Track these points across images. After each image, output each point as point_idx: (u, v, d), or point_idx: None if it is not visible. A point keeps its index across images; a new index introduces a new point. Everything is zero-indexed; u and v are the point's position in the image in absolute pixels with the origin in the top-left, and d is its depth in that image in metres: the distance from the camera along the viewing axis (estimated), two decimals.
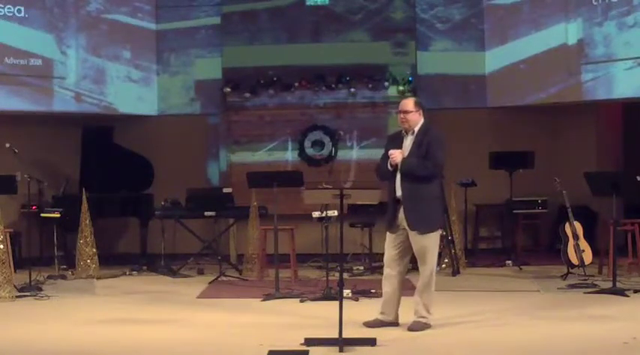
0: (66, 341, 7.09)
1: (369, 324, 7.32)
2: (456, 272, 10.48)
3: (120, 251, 12.66)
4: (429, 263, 7.20)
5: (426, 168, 7.11)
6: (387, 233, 7.33)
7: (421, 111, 7.31)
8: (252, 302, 8.79)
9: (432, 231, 7.19)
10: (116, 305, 8.84)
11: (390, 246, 7.31)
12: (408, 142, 7.25)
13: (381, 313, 7.36)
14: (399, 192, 7.19)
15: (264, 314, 8.19)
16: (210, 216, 11.10)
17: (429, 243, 7.18)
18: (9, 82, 11.60)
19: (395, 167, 7.16)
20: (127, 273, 10.97)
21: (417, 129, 7.25)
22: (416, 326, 7.17)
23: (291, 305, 8.56)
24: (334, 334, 6.56)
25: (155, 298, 9.24)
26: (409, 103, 7.33)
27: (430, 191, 7.16)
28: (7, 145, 10.18)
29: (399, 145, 7.25)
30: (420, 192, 7.12)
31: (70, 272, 10.68)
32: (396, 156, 7.14)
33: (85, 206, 10.49)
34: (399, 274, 7.30)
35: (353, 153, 12.53)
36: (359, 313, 7.61)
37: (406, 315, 7.31)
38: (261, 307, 8.61)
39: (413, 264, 7.61)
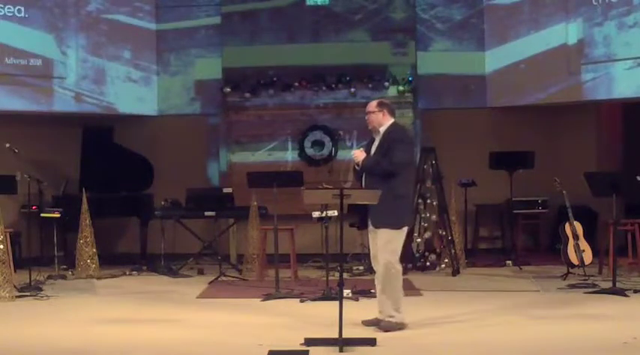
0: (66, 341, 7.08)
1: (366, 322, 7.36)
2: (456, 272, 10.49)
3: (120, 251, 12.66)
4: (383, 259, 7.19)
5: (379, 166, 7.17)
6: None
7: (385, 111, 7.38)
8: (252, 302, 8.79)
9: (389, 228, 7.17)
10: (116, 305, 8.84)
11: (371, 245, 7.41)
12: (375, 143, 7.36)
13: (380, 312, 7.37)
14: None
15: (264, 314, 8.19)
16: (210, 216, 11.10)
17: (384, 238, 7.17)
18: (9, 82, 11.60)
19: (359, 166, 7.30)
20: (127, 273, 10.98)
21: (383, 129, 7.35)
22: (385, 326, 7.17)
23: (291, 305, 8.56)
24: (334, 334, 6.56)
25: (155, 298, 9.24)
26: (372, 104, 7.47)
27: (391, 189, 7.09)
28: (7, 145, 10.17)
29: (369, 146, 7.40)
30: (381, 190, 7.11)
31: (70, 272, 10.69)
32: (357, 155, 7.32)
33: (85, 206, 10.49)
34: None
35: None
36: (359, 313, 7.61)
37: (407, 315, 7.31)
38: (261, 307, 8.61)
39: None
